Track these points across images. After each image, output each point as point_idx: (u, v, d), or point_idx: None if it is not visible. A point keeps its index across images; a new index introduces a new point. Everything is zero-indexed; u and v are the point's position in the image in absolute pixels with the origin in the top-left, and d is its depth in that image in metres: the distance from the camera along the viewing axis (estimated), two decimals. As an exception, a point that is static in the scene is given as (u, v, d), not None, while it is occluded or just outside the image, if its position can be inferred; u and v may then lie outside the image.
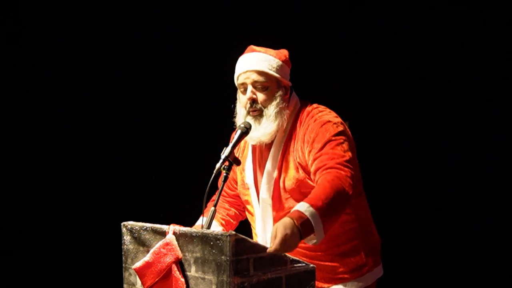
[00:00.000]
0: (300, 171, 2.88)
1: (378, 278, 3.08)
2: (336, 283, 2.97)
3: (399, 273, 4.17)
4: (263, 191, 2.97)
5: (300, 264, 2.53)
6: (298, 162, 2.88)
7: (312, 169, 2.80)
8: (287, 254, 2.53)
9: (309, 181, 2.88)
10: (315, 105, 3.02)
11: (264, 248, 2.46)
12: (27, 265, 4.83)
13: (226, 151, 2.82)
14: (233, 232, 2.37)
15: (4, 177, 4.76)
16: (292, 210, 2.59)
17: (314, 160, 2.79)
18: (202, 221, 2.81)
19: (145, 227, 2.64)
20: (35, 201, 4.80)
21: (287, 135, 2.97)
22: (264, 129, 2.91)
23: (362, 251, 2.99)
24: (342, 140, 2.81)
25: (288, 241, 2.45)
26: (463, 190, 4.39)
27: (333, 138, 2.80)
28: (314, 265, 2.59)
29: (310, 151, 2.83)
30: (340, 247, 2.95)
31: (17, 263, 4.82)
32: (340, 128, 2.86)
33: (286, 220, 2.49)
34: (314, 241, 2.60)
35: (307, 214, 2.53)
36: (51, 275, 4.83)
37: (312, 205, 2.55)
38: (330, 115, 2.92)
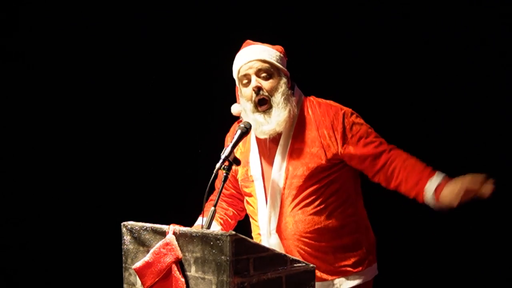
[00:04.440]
0: (323, 155, 2.94)
1: (375, 276, 3.12)
2: (339, 276, 3.02)
3: (393, 275, 4.16)
4: (274, 180, 2.99)
5: (300, 264, 2.53)
6: (324, 146, 2.96)
7: (370, 152, 2.96)
8: (287, 254, 2.54)
9: (319, 172, 2.95)
10: (317, 98, 3.10)
11: (264, 248, 2.47)
12: (27, 265, 4.83)
13: (226, 151, 2.83)
14: (233, 232, 2.36)
15: (4, 177, 4.76)
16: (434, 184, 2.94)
17: (366, 144, 2.97)
18: (202, 221, 2.82)
19: (145, 227, 2.64)
20: (35, 201, 4.80)
21: (295, 123, 3.00)
22: (277, 117, 2.95)
23: (363, 245, 3.07)
24: (370, 127, 3.05)
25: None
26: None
27: (369, 129, 3.03)
28: (314, 265, 2.61)
29: (355, 138, 2.98)
30: (342, 238, 3.01)
31: (17, 263, 4.82)
32: (360, 117, 3.07)
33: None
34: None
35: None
36: (51, 275, 4.83)
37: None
38: (342, 106, 3.08)
